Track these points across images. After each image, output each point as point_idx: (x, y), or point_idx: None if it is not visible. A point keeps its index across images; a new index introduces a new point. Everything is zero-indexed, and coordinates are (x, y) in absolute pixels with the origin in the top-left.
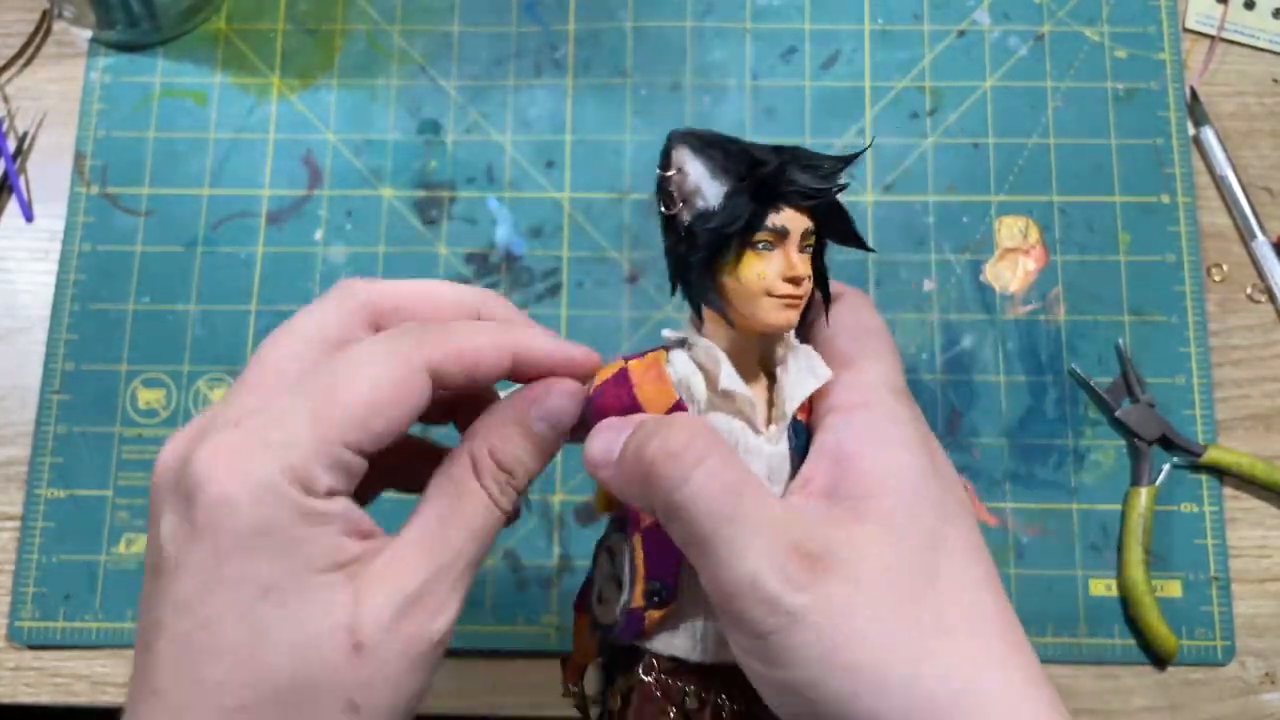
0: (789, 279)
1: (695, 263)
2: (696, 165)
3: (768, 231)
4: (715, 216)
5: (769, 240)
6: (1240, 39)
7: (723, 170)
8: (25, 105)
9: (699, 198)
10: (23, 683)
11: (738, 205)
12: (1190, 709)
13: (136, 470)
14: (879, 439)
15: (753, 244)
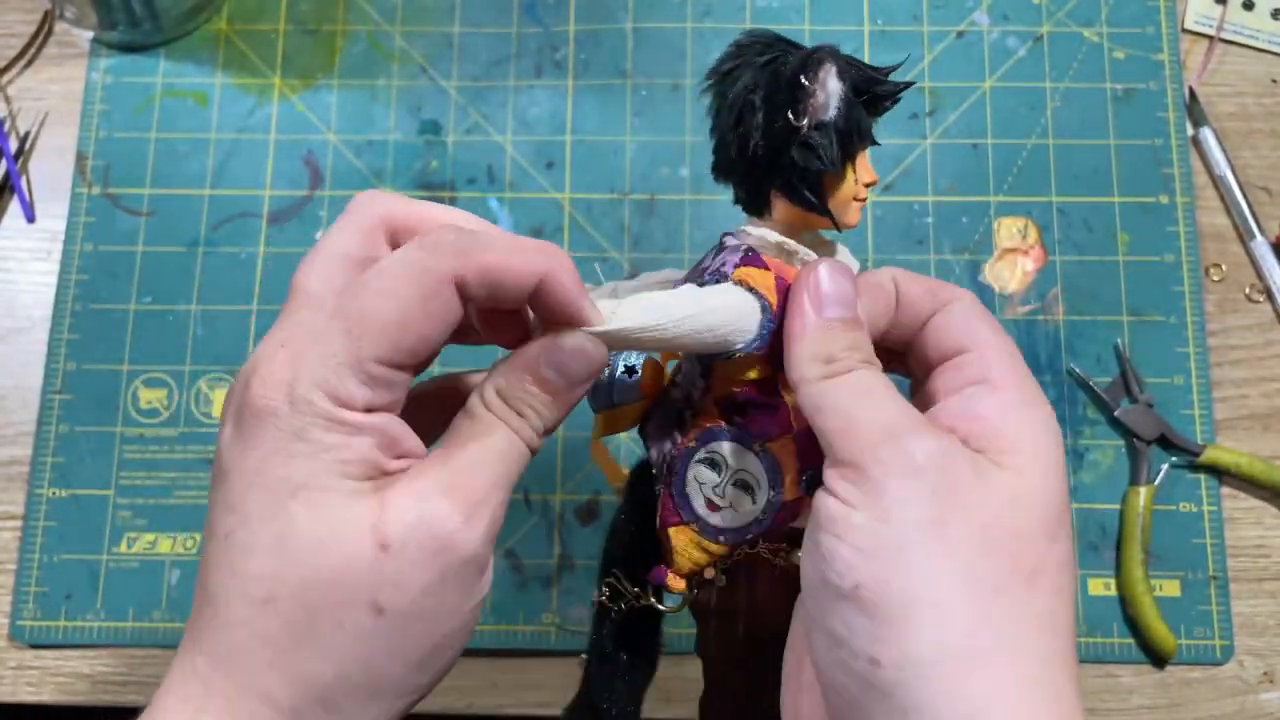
0: (870, 183)
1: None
2: (834, 80)
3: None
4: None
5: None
6: (1239, 39)
7: (853, 86)
8: (27, 106)
9: (825, 109)
10: (24, 682)
11: (864, 120)
12: (1189, 708)
13: (138, 470)
14: (1021, 414)
15: (857, 153)
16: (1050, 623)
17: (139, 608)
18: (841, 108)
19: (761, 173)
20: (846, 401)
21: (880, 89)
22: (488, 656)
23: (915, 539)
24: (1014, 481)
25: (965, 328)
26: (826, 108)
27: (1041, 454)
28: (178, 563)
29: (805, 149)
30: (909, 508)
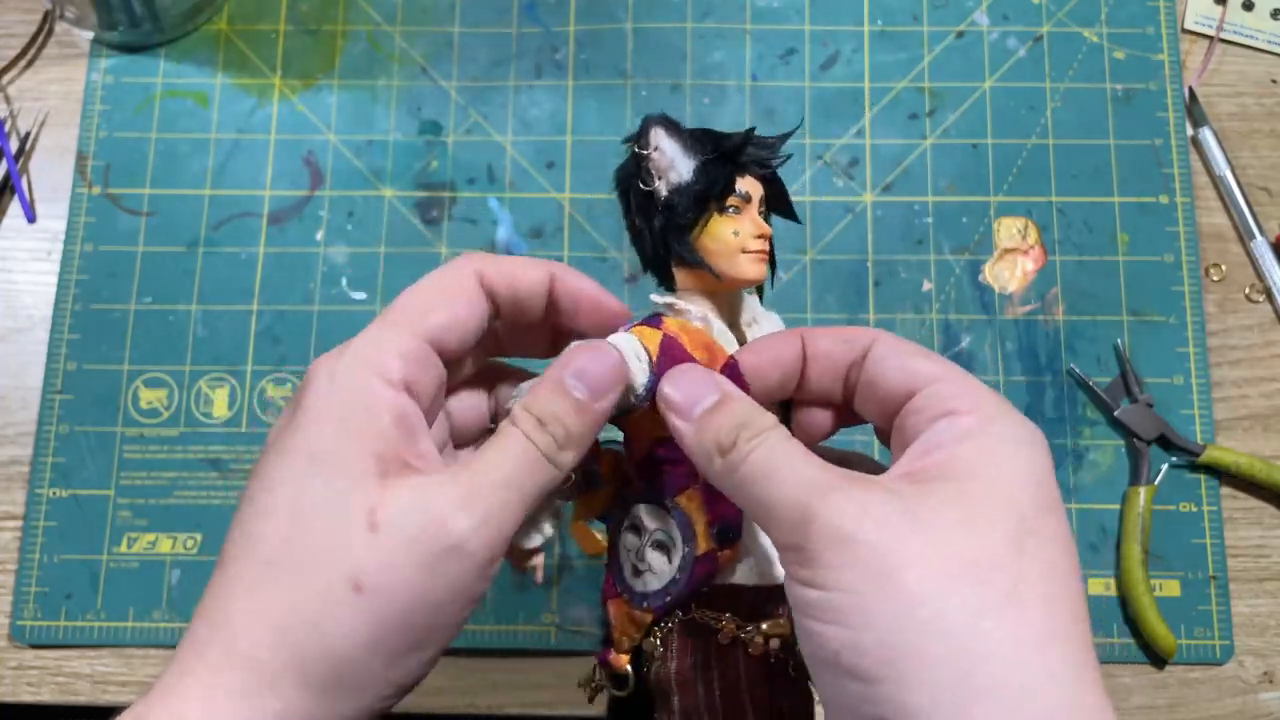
0: (759, 236)
1: (682, 226)
2: (670, 143)
3: (737, 196)
4: (696, 184)
5: (736, 205)
6: (1239, 39)
7: (691, 148)
8: (27, 106)
9: (673, 172)
10: (25, 682)
11: (714, 173)
12: (1189, 708)
13: (138, 470)
14: (985, 436)
15: (723, 208)
16: (1047, 631)
17: (139, 608)
18: (694, 166)
19: (651, 247)
20: (756, 490)
21: (726, 144)
22: (488, 656)
23: (872, 600)
24: (968, 507)
25: (900, 368)
26: (674, 168)
27: (1003, 468)
28: (178, 563)
29: (667, 210)
30: (853, 572)
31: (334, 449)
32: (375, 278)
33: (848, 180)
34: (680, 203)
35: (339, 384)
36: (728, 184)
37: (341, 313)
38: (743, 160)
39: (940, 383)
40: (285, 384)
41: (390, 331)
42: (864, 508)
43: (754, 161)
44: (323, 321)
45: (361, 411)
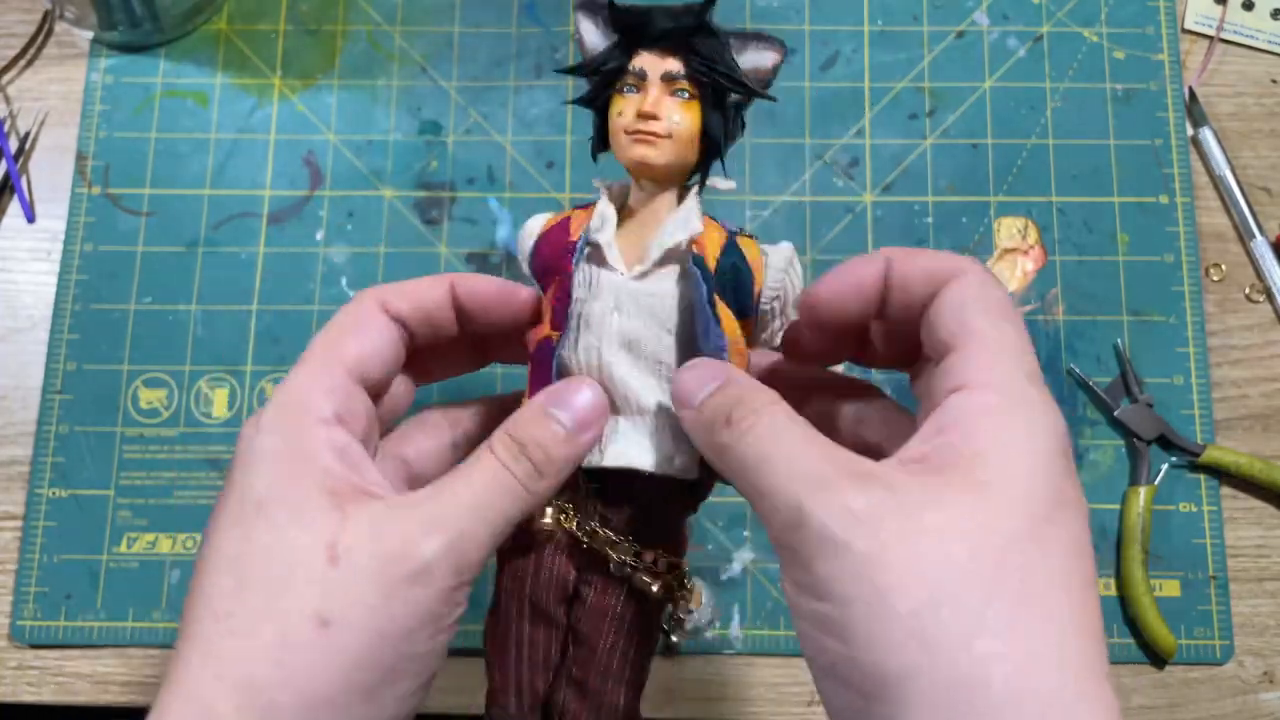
0: (639, 114)
1: (592, 108)
2: (588, 25)
3: (630, 75)
4: (589, 63)
5: (632, 83)
6: (1239, 39)
7: (608, 27)
8: (27, 106)
9: (596, 54)
10: (25, 682)
11: (603, 53)
12: (1189, 708)
13: (138, 470)
14: (1000, 417)
15: (619, 89)
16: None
17: (139, 608)
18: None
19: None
20: (752, 477)
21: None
22: None
23: (865, 617)
24: (973, 506)
25: (955, 318)
26: (597, 50)
27: (1015, 457)
28: (178, 563)
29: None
30: (844, 586)
31: (276, 493)
32: (375, 278)
33: (848, 180)
34: (588, 82)
35: (267, 432)
36: (608, 62)
37: None
38: (642, 34)
39: (977, 349)
40: None
41: (308, 371)
42: (857, 511)
43: (651, 35)
44: (323, 321)
45: (298, 453)
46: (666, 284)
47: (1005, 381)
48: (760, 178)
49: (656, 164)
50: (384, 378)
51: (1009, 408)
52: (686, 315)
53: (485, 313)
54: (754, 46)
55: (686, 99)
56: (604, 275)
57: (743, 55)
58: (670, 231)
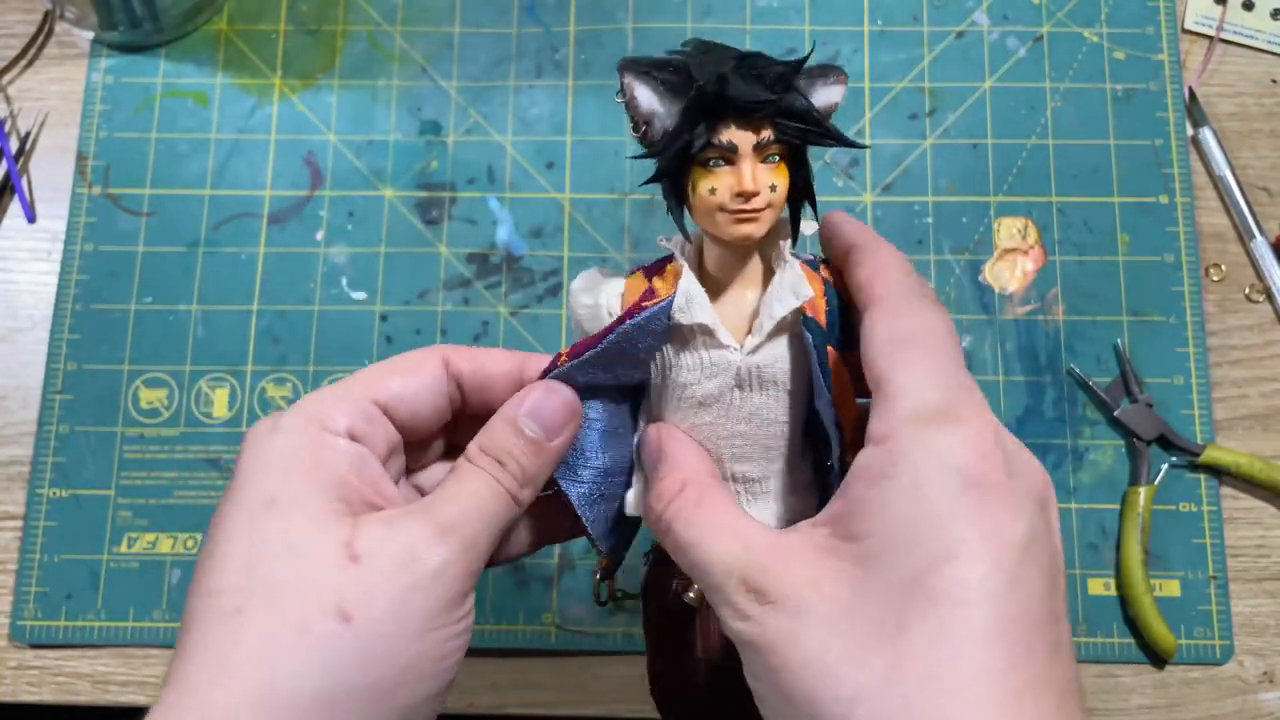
0: (738, 194)
1: (661, 184)
2: (643, 90)
3: (714, 149)
4: (664, 139)
5: (719, 157)
6: (1239, 40)
7: (670, 90)
8: (27, 106)
9: (656, 119)
10: (25, 682)
11: (678, 124)
12: (1189, 708)
13: (138, 470)
14: (887, 478)
15: (703, 162)
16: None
17: (139, 607)
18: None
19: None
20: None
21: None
22: (488, 656)
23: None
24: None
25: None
26: (656, 117)
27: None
28: (178, 562)
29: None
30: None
31: (291, 493)
32: (375, 278)
33: (848, 180)
34: (659, 158)
35: (284, 436)
36: (694, 140)
37: (341, 313)
38: (729, 107)
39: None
40: (285, 384)
41: (336, 389)
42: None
43: (741, 107)
44: (323, 321)
45: (314, 459)
46: (780, 349)
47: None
48: None
49: (759, 237)
50: (413, 422)
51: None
52: (800, 377)
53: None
54: (822, 83)
55: (777, 163)
56: (718, 355)
57: (815, 95)
58: (780, 300)
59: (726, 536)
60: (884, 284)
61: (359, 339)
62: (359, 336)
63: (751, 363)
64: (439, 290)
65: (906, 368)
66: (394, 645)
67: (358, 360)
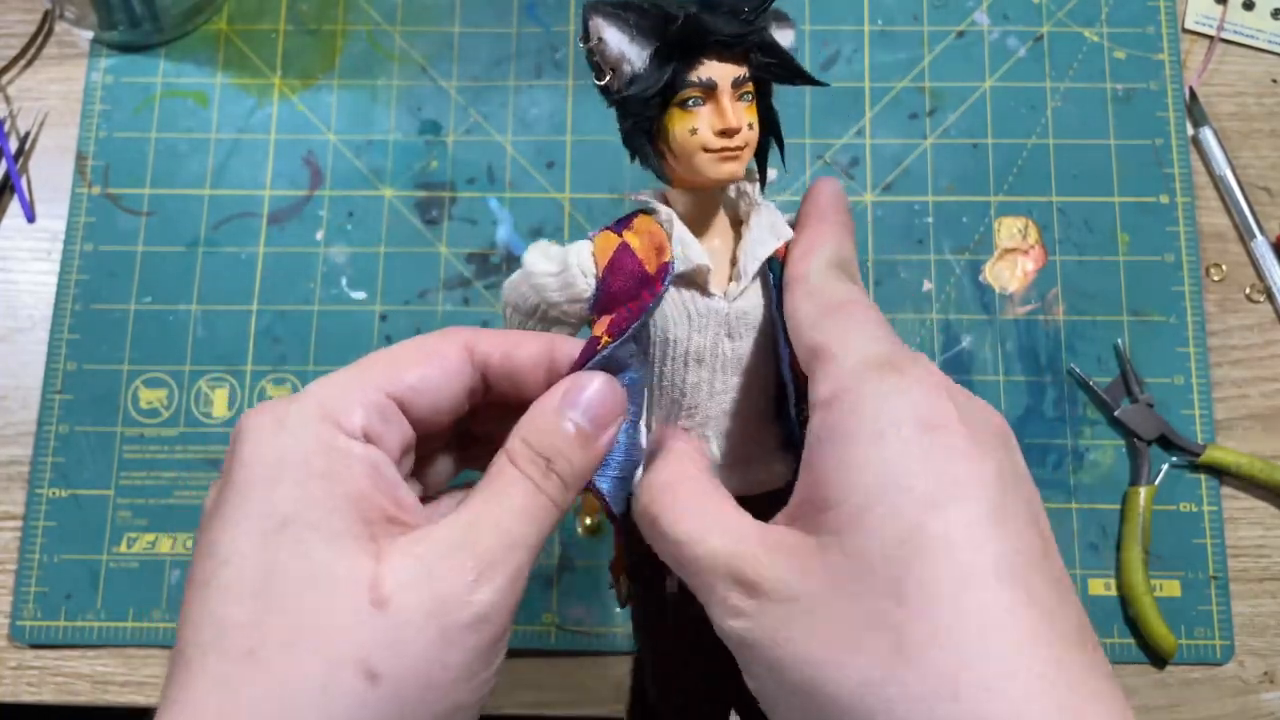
0: (721, 131)
1: (633, 129)
2: (613, 31)
3: (693, 87)
4: (637, 82)
5: (698, 95)
6: (1239, 39)
7: (641, 32)
8: (27, 106)
9: (625, 63)
10: (25, 682)
11: (653, 64)
12: (1189, 708)
13: (138, 470)
14: (845, 436)
15: (681, 102)
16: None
17: (139, 608)
18: (641, 56)
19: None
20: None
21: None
22: None
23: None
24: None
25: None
26: (625, 59)
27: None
28: (178, 563)
29: (621, 109)
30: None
31: (302, 510)
32: (375, 278)
33: (848, 180)
34: (630, 102)
35: (293, 436)
36: (674, 79)
37: (341, 312)
38: (703, 41)
39: (814, 359)
40: (285, 383)
41: (346, 377)
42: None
43: (718, 41)
44: (323, 321)
45: (329, 468)
46: (757, 294)
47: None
48: None
49: (741, 176)
50: (432, 417)
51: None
52: (769, 321)
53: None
54: (776, 26)
55: (750, 100)
56: (706, 303)
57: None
58: (762, 242)
59: (715, 532)
60: (806, 263)
61: (359, 339)
62: (359, 336)
63: (737, 309)
64: (439, 290)
65: (841, 332)
66: (425, 702)
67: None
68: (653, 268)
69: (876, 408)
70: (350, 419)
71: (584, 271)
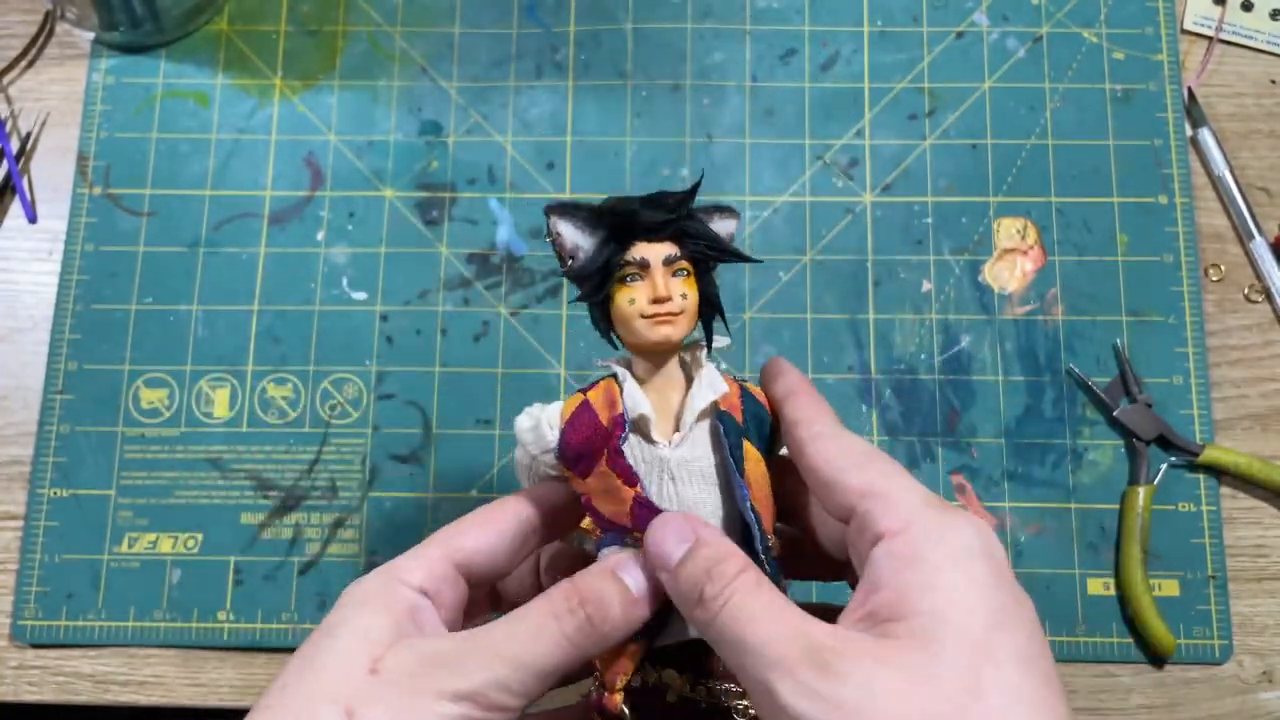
0: (654, 300)
1: (590, 304)
2: (567, 226)
3: (630, 265)
4: (581, 264)
5: (634, 272)
6: (1238, 40)
7: (590, 226)
8: (28, 106)
9: (580, 251)
10: (26, 681)
11: (598, 249)
12: (1188, 707)
13: (139, 470)
14: (919, 559)
15: (622, 278)
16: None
17: (140, 607)
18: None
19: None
20: (728, 654)
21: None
22: None
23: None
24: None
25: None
26: (580, 248)
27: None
28: (179, 562)
29: (579, 287)
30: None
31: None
32: (376, 278)
33: (847, 180)
34: (581, 283)
35: (361, 585)
36: (611, 258)
37: (342, 313)
38: (636, 227)
39: (866, 498)
40: (285, 384)
41: (417, 552)
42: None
43: (646, 227)
44: (323, 322)
45: (378, 595)
46: (703, 445)
47: (908, 518)
48: (760, 178)
49: (676, 339)
50: (491, 573)
51: (923, 547)
52: (722, 470)
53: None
54: (718, 218)
55: (685, 276)
56: (649, 451)
57: (714, 225)
58: (702, 396)
59: (787, 618)
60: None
61: (359, 339)
62: (359, 336)
63: (679, 456)
64: (439, 290)
65: (887, 474)
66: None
67: (358, 360)
68: (606, 419)
69: (951, 540)
70: (410, 575)
71: (550, 425)
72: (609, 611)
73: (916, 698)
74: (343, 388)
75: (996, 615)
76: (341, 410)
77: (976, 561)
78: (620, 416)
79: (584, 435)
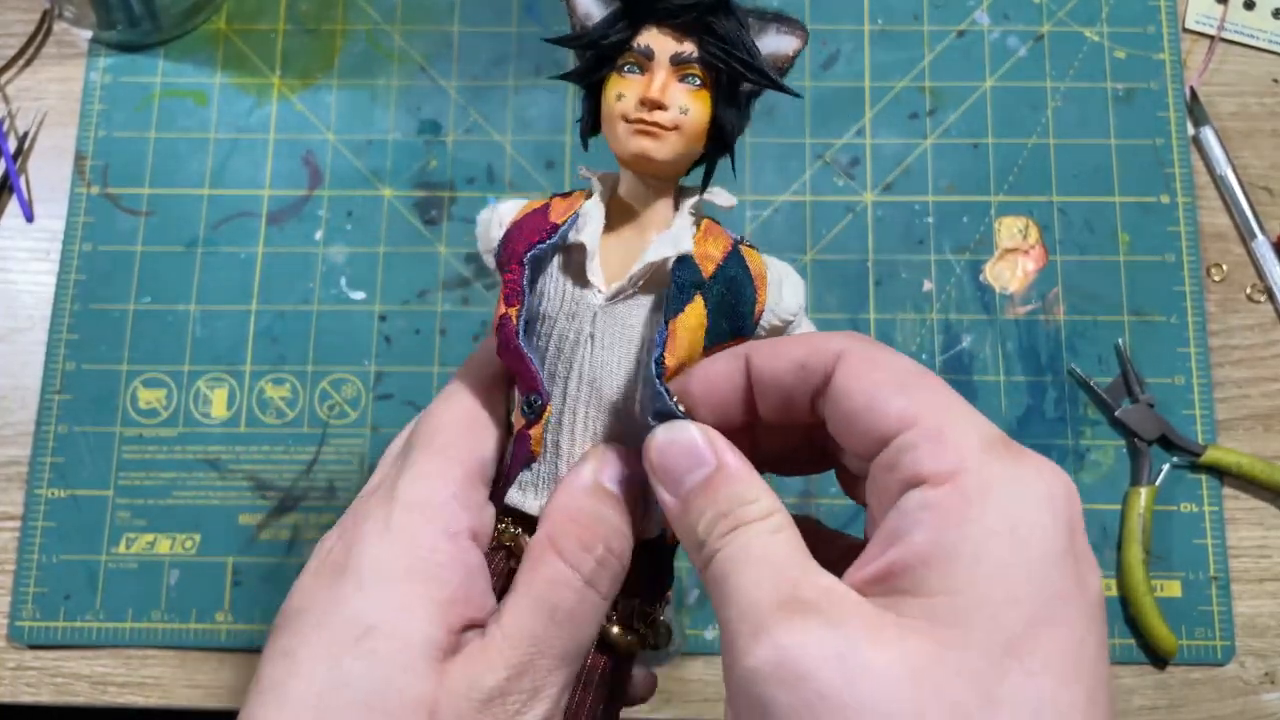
0: (643, 101)
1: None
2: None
3: (633, 52)
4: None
5: (634, 62)
6: (1240, 39)
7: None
8: (26, 105)
9: (590, 20)
10: (23, 682)
11: (605, 23)
12: (1190, 708)
13: (137, 470)
14: (966, 521)
15: (620, 67)
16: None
17: (138, 608)
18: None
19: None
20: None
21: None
22: None
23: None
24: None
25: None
26: (590, 18)
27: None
28: (176, 563)
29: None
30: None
31: (388, 617)
32: (374, 277)
33: (848, 180)
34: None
35: (395, 539)
36: (613, 38)
37: (340, 312)
38: (653, 7)
39: (914, 429)
40: (284, 384)
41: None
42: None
43: (665, 9)
44: (322, 321)
45: (426, 570)
46: (643, 309)
47: (961, 462)
48: (760, 177)
49: (658, 159)
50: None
51: (969, 508)
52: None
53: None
54: (775, 30)
55: (697, 86)
56: (579, 294)
57: (762, 39)
58: (658, 248)
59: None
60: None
61: (358, 339)
62: (358, 336)
63: (610, 313)
64: (438, 290)
65: (937, 404)
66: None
67: (357, 360)
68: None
69: (1016, 498)
70: (459, 523)
71: (500, 224)
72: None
73: (898, 690)
74: (341, 388)
75: (1048, 606)
76: (340, 410)
77: (1039, 531)
78: (555, 226)
79: (526, 242)
